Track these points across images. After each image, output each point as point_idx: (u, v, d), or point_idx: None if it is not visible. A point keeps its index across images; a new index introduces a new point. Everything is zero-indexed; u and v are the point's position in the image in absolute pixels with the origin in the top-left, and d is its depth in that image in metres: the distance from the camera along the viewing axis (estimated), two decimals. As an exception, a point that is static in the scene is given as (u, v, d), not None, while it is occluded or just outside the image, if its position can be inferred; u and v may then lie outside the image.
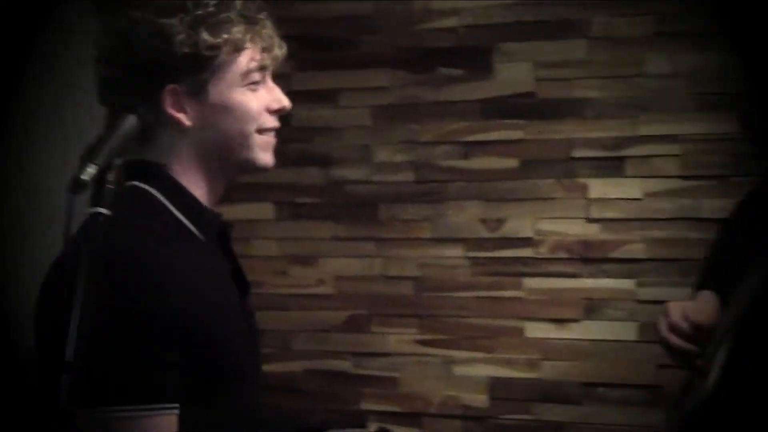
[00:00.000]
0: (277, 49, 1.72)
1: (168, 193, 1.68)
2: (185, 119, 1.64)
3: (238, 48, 1.63)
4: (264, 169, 1.75)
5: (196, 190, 1.70)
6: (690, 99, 3.01)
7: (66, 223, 1.77)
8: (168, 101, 1.62)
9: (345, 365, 3.30)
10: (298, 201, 3.36)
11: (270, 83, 1.73)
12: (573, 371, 3.13)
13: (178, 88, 1.62)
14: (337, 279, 3.32)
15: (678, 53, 3.03)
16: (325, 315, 3.32)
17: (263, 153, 1.72)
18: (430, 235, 3.28)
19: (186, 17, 1.60)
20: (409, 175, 3.30)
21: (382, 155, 3.32)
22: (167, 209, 1.67)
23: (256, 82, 1.68)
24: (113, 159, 1.44)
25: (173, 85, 1.61)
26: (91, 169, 1.39)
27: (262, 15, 1.69)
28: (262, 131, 1.71)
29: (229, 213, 1.85)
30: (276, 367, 3.30)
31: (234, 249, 1.79)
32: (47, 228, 2.99)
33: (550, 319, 3.16)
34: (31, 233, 3.01)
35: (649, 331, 2.66)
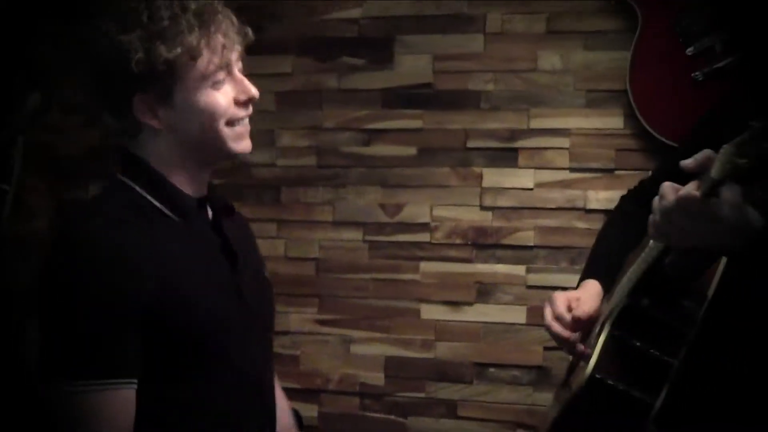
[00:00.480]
0: (237, 44, 1.76)
1: (143, 183, 1.75)
2: (157, 124, 1.72)
3: (194, 56, 1.67)
4: (243, 155, 1.81)
5: (176, 178, 1.77)
6: (579, 95, 3.06)
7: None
8: (138, 109, 1.70)
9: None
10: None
11: (237, 75, 1.77)
12: (466, 352, 3.16)
13: (146, 96, 1.69)
14: (240, 259, 3.32)
15: (569, 51, 3.07)
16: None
17: (236, 143, 1.78)
18: (331, 219, 3.29)
19: (143, 33, 1.64)
20: (312, 160, 3.30)
21: (285, 140, 3.32)
22: (142, 197, 1.74)
23: (218, 81, 1.73)
24: (16, 135, 1.48)
25: (141, 94, 1.68)
26: (-5, 144, 1.43)
27: (217, 15, 1.73)
28: (232, 123, 1.76)
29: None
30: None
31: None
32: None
33: (444, 302, 3.18)
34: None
35: (538, 315, 2.61)
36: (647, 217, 1.66)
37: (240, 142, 1.79)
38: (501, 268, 3.14)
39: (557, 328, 2.06)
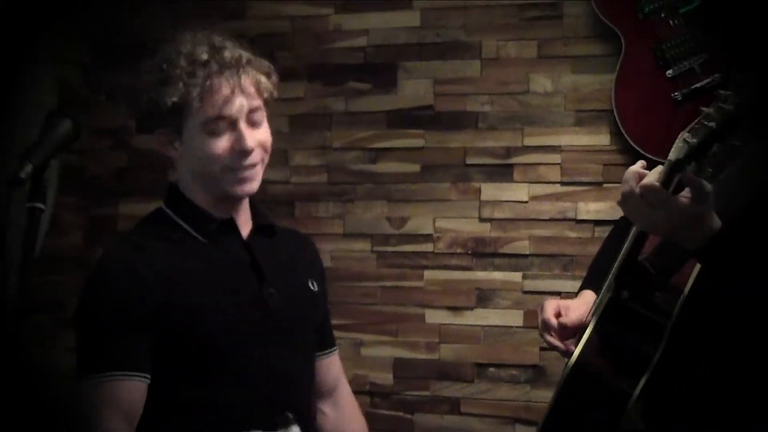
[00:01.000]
0: (253, 100, 1.87)
1: (176, 208, 1.94)
2: (174, 154, 1.92)
3: (190, 104, 1.84)
4: (247, 196, 1.94)
5: (201, 200, 1.93)
6: (569, 115, 3.14)
7: (1, 217, 2.08)
8: (159, 141, 1.90)
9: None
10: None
11: (239, 126, 1.86)
12: (467, 353, 3.22)
13: (164, 131, 1.90)
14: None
15: (559, 75, 3.15)
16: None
17: (235, 186, 1.90)
18: (341, 231, 3.35)
19: (159, 76, 1.85)
20: (323, 177, 3.37)
21: (298, 159, 3.39)
22: (174, 224, 1.92)
23: (217, 129, 1.85)
24: (49, 159, 1.57)
25: (160, 129, 1.89)
26: (29, 168, 1.52)
27: (229, 70, 1.86)
28: (231, 169, 1.88)
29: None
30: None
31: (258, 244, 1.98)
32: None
33: (447, 307, 3.25)
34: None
35: (533, 318, 2.75)
36: None
37: (240, 185, 1.90)
38: (499, 275, 3.21)
39: (545, 335, 2.11)
